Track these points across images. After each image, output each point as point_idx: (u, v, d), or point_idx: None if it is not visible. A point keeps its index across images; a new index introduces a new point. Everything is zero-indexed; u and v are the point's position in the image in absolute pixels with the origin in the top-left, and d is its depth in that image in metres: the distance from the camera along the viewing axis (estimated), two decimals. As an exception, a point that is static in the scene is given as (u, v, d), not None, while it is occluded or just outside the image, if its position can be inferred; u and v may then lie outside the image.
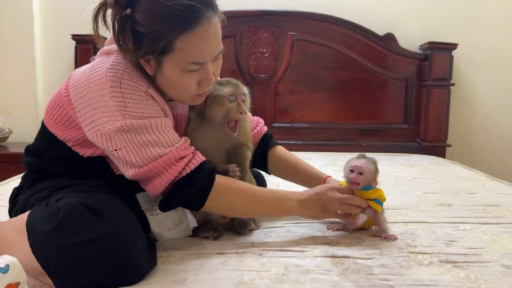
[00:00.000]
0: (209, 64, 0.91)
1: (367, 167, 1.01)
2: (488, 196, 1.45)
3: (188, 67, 0.89)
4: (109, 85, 0.87)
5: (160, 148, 0.89)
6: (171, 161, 0.89)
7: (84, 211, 0.76)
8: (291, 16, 2.42)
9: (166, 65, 0.88)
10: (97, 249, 0.72)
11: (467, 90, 2.57)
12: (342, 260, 0.88)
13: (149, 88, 0.91)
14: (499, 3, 2.52)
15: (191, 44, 0.86)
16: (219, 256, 0.89)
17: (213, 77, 0.94)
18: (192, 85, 0.92)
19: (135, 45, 0.87)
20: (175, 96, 0.96)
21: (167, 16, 0.84)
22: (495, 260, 0.89)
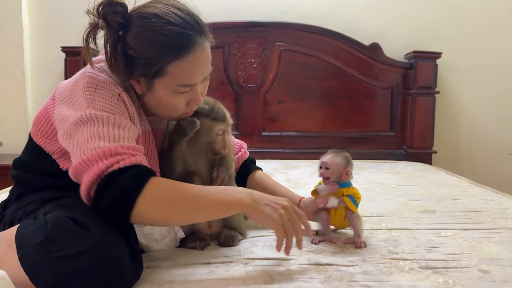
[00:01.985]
0: (198, 85, 0.94)
1: (333, 162, 1.04)
2: (471, 202, 1.49)
3: (179, 89, 0.91)
4: (86, 81, 0.90)
5: (104, 141, 0.83)
6: (104, 154, 0.81)
7: (71, 224, 0.77)
8: (279, 27, 2.47)
9: (156, 87, 0.91)
10: (84, 262, 0.72)
11: (452, 97, 2.62)
12: (325, 267, 0.90)
13: (122, 93, 0.92)
14: (482, 12, 2.59)
15: (183, 69, 0.88)
16: (206, 266, 0.90)
17: (201, 97, 0.97)
18: (181, 105, 0.94)
19: (126, 67, 0.89)
20: (162, 114, 0.99)
21: (160, 44, 0.86)
22: (473, 266, 0.92)
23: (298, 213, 0.90)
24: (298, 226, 0.87)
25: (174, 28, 0.87)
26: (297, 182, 1.82)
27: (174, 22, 0.87)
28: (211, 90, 1.03)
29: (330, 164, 1.04)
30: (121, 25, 0.88)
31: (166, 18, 0.87)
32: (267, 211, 0.85)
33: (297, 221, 0.88)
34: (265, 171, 2.03)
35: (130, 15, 0.90)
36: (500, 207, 1.42)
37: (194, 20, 0.91)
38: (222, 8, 2.53)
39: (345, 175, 1.05)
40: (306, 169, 2.14)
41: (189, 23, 0.89)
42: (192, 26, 0.89)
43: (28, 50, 2.51)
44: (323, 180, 1.06)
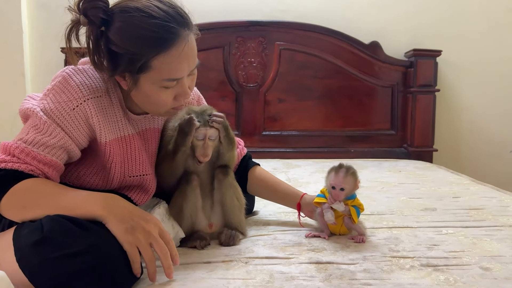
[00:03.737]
0: (185, 79, 0.93)
1: (347, 182, 1.04)
2: (472, 200, 1.48)
3: (165, 84, 0.90)
4: (58, 80, 0.91)
5: (24, 139, 0.88)
6: (6, 149, 0.87)
7: (68, 224, 0.77)
8: (278, 26, 2.46)
9: (142, 82, 0.90)
10: (82, 262, 0.72)
11: (452, 95, 2.62)
12: (326, 266, 0.90)
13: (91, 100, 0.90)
14: (482, 10, 2.58)
15: (168, 63, 0.88)
16: (206, 265, 0.90)
17: (188, 91, 0.96)
18: (169, 100, 0.94)
19: (110, 63, 0.89)
20: (150, 110, 0.98)
21: (144, 38, 0.85)
22: (475, 263, 0.92)
23: (166, 239, 0.83)
24: (162, 252, 0.80)
25: (156, 21, 0.85)
26: (298, 182, 1.82)
27: (156, 15, 0.86)
28: (211, 90, 1.03)
29: (345, 186, 1.04)
30: (103, 21, 0.87)
31: (148, 11, 0.86)
32: (120, 230, 0.79)
33: (162, 247, 0.81)
34: (266, 170, 2.04)
35: (112, 10, 0.88)
36: (502, 205, 1.41)
37: (177, 12, 0.90)
38: (221, 8, 2.53)
39: (355, 187, 1.07)
40: (307, 168, 2.14)
41: (171, 16, 0.88)
42: (175, 18, 0.88)
43: (27, 51, 2.51)
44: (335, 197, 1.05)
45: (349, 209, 1.05)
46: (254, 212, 1.31)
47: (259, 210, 1.34)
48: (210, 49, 2.43)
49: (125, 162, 0.99)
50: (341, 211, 1.05)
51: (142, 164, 1.02)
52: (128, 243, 0.78)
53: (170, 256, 0.81)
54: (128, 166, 1.00)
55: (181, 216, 1.03)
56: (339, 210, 1.05)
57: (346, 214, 1.06)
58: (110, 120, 0.95)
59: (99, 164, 0.98)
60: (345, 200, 1.06)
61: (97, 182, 1.00)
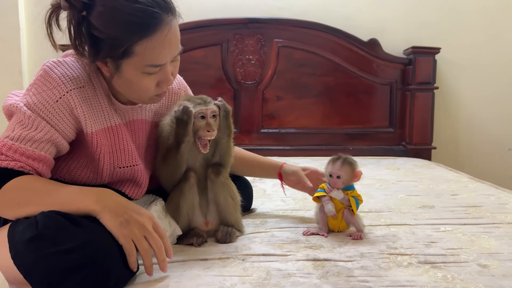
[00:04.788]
0: (168, 65, 0.92)
1: (343, 170, 1.06)
2: (470, 198, 1.48)
3: (148, 70, 0.89)
4: (39, 73, 0.91)
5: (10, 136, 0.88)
6: None
7: (62, 221, 0.77)
8: (277, 24, 2.45)
9: (125, 68, 0.89)
10: (77, 258, 0.72)
11: (451, 93, 2.61)
12: (323, 263, 0.89)
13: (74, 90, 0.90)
14: (480, 7, 2.58)
15: (151, 48, 0.86)
16: (202, 262, 0.90)
17: (171, 78, 0.94)
18: (151, 87, 0.92)
19: (92, 49, 0.87)
20: (133, 97, 0.97)
21: (126, 23, 0.84)
22: (472, 260, 0.91)
23: (160, 233, 0.83)
24: (156, 245, 0.80)
25: (139, 6, 0.84)
26: (296, 179, 1.81)
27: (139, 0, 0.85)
28: (209, 87, 1.02)
29: (341, 174, 1.06)
30: (84, 5, 0.85)
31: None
32: (115, 224, 0.79)
33: (156, 240, 0.81)
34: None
35: None
36: (500, 202, 1.41)
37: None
38: (219, 5, 2.52)
39: (354, 177, 1.07)
40: (305, 165, 2.13)
41: (155, 1, 0.86)
42: (158, 3, 0.87)
43: (25, 49, 2.50)
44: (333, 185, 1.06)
45: (347, 199, 1.06)
46: (252, 210, 1.30)
47: (257, 208, 1.33)
48: (208, 46, 2.42)
49: (114, 153, 0.98)
50: (340, 199, 1.05)
51: (131, 154, 1.01)
52: (123, 236, 0.78)
53: (164, 250, 0.81)
54: (117, 156, 0.98)
55: (178, 213, 1.02)
56: (338, 198, 1.05)
57: (345, 205, 1.06)
58: (95, 110, 0.94)
59: (88, 156, 0.97)
60: (344, 190, 1.06)
61: (88, 175, 0.99)
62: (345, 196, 1.06)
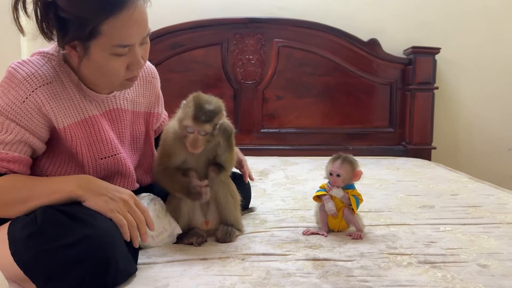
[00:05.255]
0: (137, 47, 0.91)
1: (343, 169, 1.06)
2: (470, 198, 1.48)
3: (116, 50, 0.88)
4: (5, 75, 0.90)
5: None
6: None
7: (61, 217, 0.78)
8: (277, 24, 2.45)
9: (93, 50, 0.88)
10: (76, 252, 0.73)
11: (451, 93, 2.61)
12: (323, 263, 0.90)
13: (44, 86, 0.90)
14: (481, 7, 2.58)
15: (118, 27, 0.86)
16: (202, 262, 0.90)
17: (141, 60, 0.93)
18: (121, 69, 0.92)
19: (60, 32, 0.87)
20: (104, 82, 0.96)
21: (92, 2, 0.84)
22: (472, 260, 0.91)
23: (141, 208, 0.90)
24: (139, 219, 0.88)
25: None
26: (296, 179, 1.82)
27: None
28: (209, 87, 1.00)
29: (341, 172, 1.06)
30: None
31: None
32: (100, 202, 0.85)
33: (138, 214, 0.88)
34: (263, 168, 2.04)
35: None
36: (500, 202, 1.41)
37: None
38: (220, 5, 2.52)
39: (354, 176, 1.08)
40: (305, 165, 2.13)
41: None
42: None
43: (25, 49, 2.49)
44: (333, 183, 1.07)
45: (347, 197, 1.06)
46: (250, 209, 1.30)
47: (257, 207, 1.33)
48: (208, 46, 2.42)
49: (92, 144, 0.97)
50: (340, 198, 1.06)
51: (110, 144, 1.00)
52: (110, 211, 0.85)
53: (146, 223, 0.89)
54: (96, 147, 0.98)
55: (178, 213, 1.02)
56: (338, 196, 1.06)
57: (346, 203, 1.06)
58: (65, 104, 0.94)
59: (67, 151, 0.97)
60: (344, 189, 1.07)
61: (73, 170, 0.98)
62: (345, 195, 1.06)
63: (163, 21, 2.38)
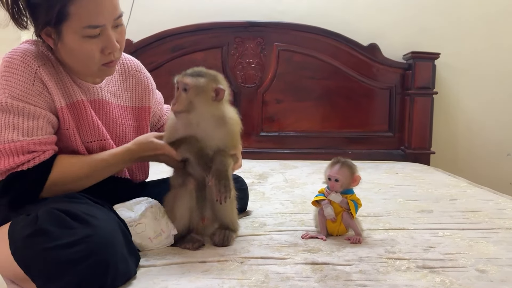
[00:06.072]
0: (109, 29, 0.92)
1: (342, 174, 1.06)
2: (469, 203, 1.48)
3: (87, 32, 0.89)
4: (3, 65, 0.91)
5: (17, 133, 0.89)
6: (17, 150, 0.88)
7: (62, 216, 0.78)
8: (277, 27, 2.46)
9: (65, 34, 0.90)
10: (76, 252, 0.73)
11: (450, 98, 2.62)
12: (321, 266, 0.90)
13: (40, 68, 0.92)
14: (480, 13, 2.59)
15: (85, 7, 0.87)
16: (201, 264, 0.90)
17: (116, 44, 0.94)
18: (95, 52, 0.93)
19: (32, 19, 0.90)
20: (80, 67, 0.97)
21: None
22: (471, 265, 0.91)
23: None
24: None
25: None
26: (295, 182, 1.82)
27: None
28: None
29: (339, 177, 1.06)
30: None
31: None
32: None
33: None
34: (263, 171, 2.04)
35: None
36: (498, 207, 1.41)
37: None
38: (220, 8, 2.52)
39: (353, 181, 1.08)
40: (304, 169, 2.14)
41: None
42: None
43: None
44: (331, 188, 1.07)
45: (346, 202, 1.06)
46: (246, 212, 1.30)
47: (255, 211, 1.33)
48: (209, 49, 2.43)
49: (80, 128, 0.99)
50: (338, 202, 1.06)
51: (98, 130, 1.01)
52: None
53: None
54: (84, 131, 0.99)
55: (173, 217, 1.02)
56: (336, 201, 1.06)
57: (344, 208, 1.06)
58: (60, 85, 0.96)
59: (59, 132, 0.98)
60: (343, 194, 1.07)
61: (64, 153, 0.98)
62: (343, 199, 1.06)
63: (163, 24, 2.39)
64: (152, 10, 2.51)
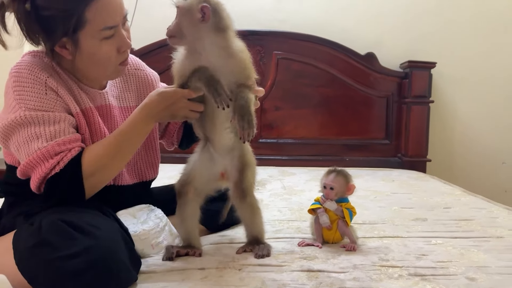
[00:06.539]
0: (120, 28, 0.97)
1: (337, 182, 1.10)
2: (462, 211, 1.51)
3: (104, 34, 0.94)
4: (12, 80, 0.94)
5: (41, 141, 0.91)
6: (45, 156, 0.90)
7: (65, 227, 0.80)
8: (276, 36, 2.50)
9: (83, 41, 0.93)
10: (79, 263, 0.75)
11: (446, 106, 2.66)
12: (317, 274, 0.92)
13: (49, 78, 0.95)
14: (475, 23, 2.63)
15: (101, 11, 0.91)
16: (200, 271, 0.93)
17: (128, 40, 0.99)
18: (113, 53, 0.97)
19: (47, 33, 0.92)
20: (100, 71, 1.01)
21: None
22: (461, 273, 0.94)
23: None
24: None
25: None
26: (293, 189, 1.85)
27: None
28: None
29: (334, 185, 1.10)
30: None
31: None
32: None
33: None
34: (261, 178, 2.07)
35: None
36: (491, 216, 1.44)
37: None
38: (220, 16, 2.56)
39: (347, 190, 1.11)
40: (302, 176, 2.17)
41: None
42: None
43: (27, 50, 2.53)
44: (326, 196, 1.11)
45: (341, 210, 1.09)
46: None
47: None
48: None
49: (90, 134, 1.01)
50: (333, 210, 1.09)
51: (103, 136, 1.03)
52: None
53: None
54: (92, 138, 1.02)
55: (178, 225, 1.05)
56: (331, 209, 1.09)
57: (339, 216, 1.10)
58: (70, 93, 0.99)
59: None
60: (338, 202, 1.10)
61: None
62: (338, 207, 1.09)
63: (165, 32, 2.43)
64: (153, 18, 2.54)
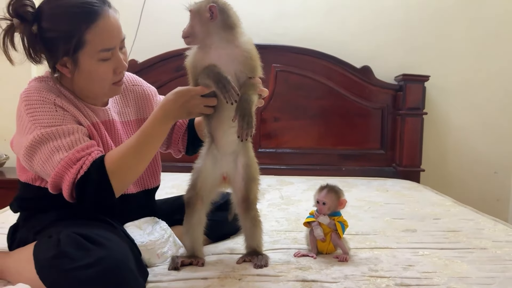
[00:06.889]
0: (118, 51, 1.06)
1: (328, 198, 1.18)
2: (451, 222, 1.59)
3: (102, 55, 1.02)
4: (24, 104, 1.02)
5: (62, 152, 0.98)
6: (68, 164, 0.97)
7: (81, 240, 0.89)
8: (275, 50, 2.58)
9: (82, 60, 1.02)
10: (93, 272, 0.84)
11: (439, 118, 2.74)
12: (310, 284, 1.00)
13: (57, 98, 1.03)
14: (468, 36, 2.72)
15: (100, 33, 1.01)
16: (203, 281, 1.00)
17: (124, 63, 1.08)
18: (109, 73, 1.06)
19: (50, 52, 1.01)
20: (96, 89, 1.08)
21: (73, 15, 0.99)
22: (443, 283, 1.02)
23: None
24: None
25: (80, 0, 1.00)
26: (291, 199, 1.93)
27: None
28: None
29: (326, 201, 1.18)
30: (34, 15, 1.00)
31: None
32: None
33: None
34: (261, 187, 2.14)
35: (39, 6, 1.02)
36: (477, 227, 1.52)
37: None
38: (221, 30, 2.64)
39: (339, 205, 1.19)
40: (300, 185, 2.24)
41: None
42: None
43: (34, 69, 2.60)
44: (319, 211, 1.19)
45: (334, 223, 1.17)
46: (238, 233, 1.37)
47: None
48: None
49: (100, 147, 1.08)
50: (326, 224, 1.17)
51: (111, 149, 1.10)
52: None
53: None
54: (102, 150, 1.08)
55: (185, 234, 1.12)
56: (324, 223, 1.17)
57: (332, 228, 1.18)
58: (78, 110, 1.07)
59: None
60: (331, 216, 1.18)
61: None
62: (331, 221, 1.17)
63: (167, 46, 2.51)
64: (156, 32, 2.63)
